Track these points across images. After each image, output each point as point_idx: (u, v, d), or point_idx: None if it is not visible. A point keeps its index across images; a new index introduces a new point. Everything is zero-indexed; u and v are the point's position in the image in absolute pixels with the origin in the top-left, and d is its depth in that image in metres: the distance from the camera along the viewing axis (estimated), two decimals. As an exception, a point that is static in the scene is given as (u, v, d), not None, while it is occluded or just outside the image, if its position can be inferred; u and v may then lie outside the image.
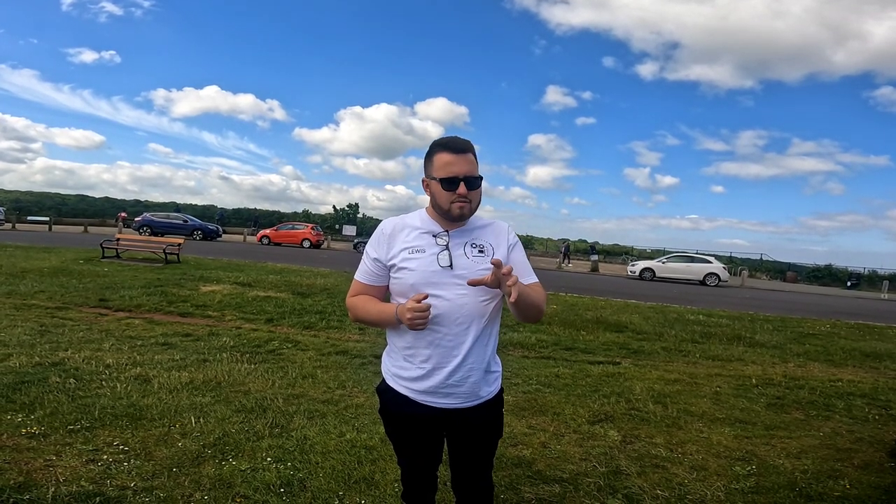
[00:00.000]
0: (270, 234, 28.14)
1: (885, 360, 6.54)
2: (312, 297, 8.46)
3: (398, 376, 1.53)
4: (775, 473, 2.89)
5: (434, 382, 1.47)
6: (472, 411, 1.52)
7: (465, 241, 1.51)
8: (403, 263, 1.46)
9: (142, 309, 6.70)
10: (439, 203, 1.47)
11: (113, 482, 2.32)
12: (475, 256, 1.49)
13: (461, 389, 1.48)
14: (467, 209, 1.47)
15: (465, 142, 1.47)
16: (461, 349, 1.45)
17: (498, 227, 1.58)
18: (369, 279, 1.54)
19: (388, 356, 1.59)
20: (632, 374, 4.95)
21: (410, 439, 1.59)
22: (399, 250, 1.48)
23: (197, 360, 4.43)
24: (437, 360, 1.46)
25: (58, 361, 4.05)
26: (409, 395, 1.50)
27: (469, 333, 1.46)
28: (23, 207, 39.31)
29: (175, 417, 3.11)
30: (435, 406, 1.49)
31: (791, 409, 4.15)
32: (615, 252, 49.27)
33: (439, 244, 1.48)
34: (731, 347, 6.76)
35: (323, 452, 2.77)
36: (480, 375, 1.51)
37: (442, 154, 1.46)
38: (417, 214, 1.56)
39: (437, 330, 1.44)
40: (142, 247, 13.37)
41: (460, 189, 1.44)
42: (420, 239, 1.49)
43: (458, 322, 1.44)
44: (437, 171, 1.45)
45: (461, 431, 1.57)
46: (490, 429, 1.60)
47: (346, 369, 4.47)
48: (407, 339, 1.49)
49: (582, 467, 2.82)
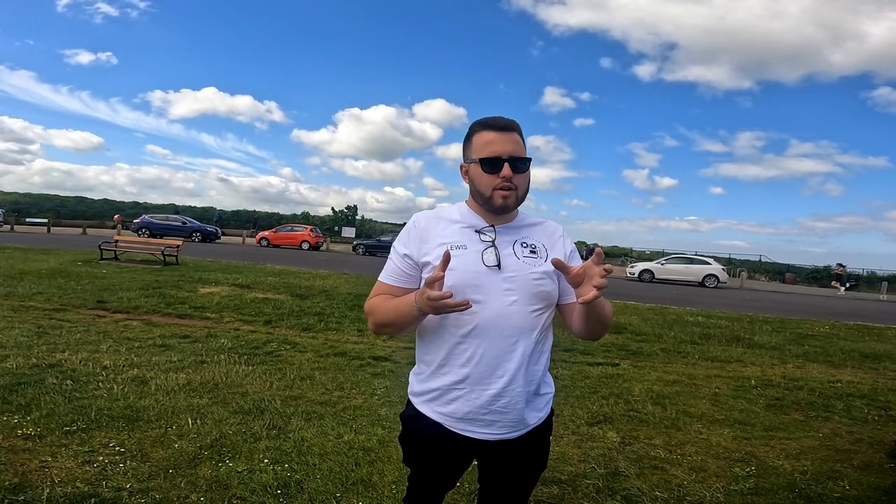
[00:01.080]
0: (269, 235, 28.11)
1: (884, 361, 6.54)
2: (311, 299, 8.45)
3: (429, 399, 1.29)
4: (774, 474, 2.89)
5: (473, 407, 1.22)
6: (516, 441, 1.27)
7: (515, 238, 1.28)
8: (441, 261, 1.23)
9: (140, 311, 6.68)
10: (479, 189, 1.25)
11: (109, 483, 2.31)
12: (526, 257, 1.26)
13: (506, 417, 1.23)
14: (512, 198, 1.24)
15: (509, 120, 1.27)
16: (506, 367, 1.21)
17: (551, 227, 1.37)
18: (397, 280, 1.29)
19: (417, 376, 1.35)
20: (631, 376, 4.94)
21: (436, 470, 1.36)
22: (435, 246, 1.25)
23: (194, 361, 4.41)
24: (477, 380, 1.21)
25: (55, 363, 4.03)
26: (444, 423, 1.26)
27: (517, 349, 1.21)
28: (21, 209, 39.25)
29: (172, 419, 3.09)
30: (473, 437, 1.25)
31: (790, 410, 4.15)
32: (614, 254, 49.26)
33: (484, 240, 1.25)
34: (730, 348, 6.75)
35: (320, 454, 2.75)
36: (529, 399, 1.26)
37: (483, 133, 1.25)
38: (456, 208, 1.34)
39: (478, 344, 1.20)
40: (140, 248, 13.36)
41: (504, 171, 1.21)
42: (461, 234, 1.26)
43: (504, 335, 1.20)
44: (478, 152, 1.24)
45: (500, 464, 1.32)
46: (535, 461, 1.36)
47: (345, 371, 4.46)
48: (440, 354, 1.25)
49: (581, 469, 2.81)
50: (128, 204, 52.65)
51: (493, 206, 1.25)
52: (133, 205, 51.79)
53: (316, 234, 28.88)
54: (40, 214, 37.83)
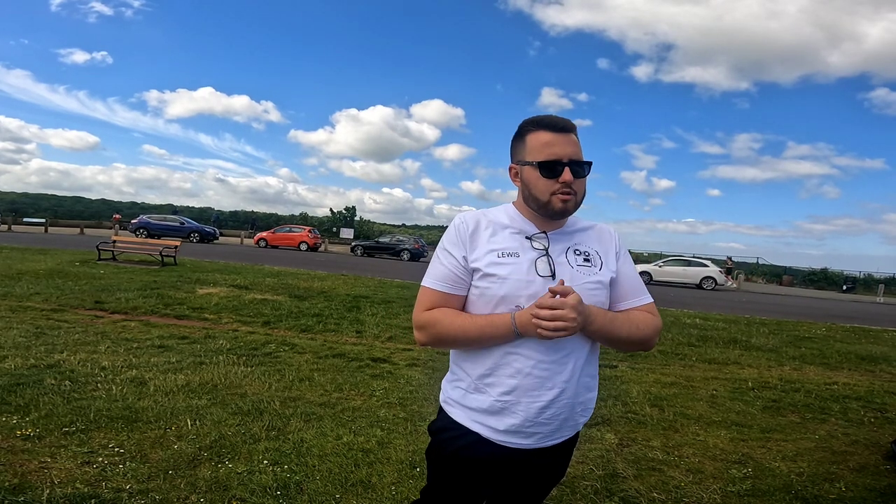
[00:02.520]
0: (267, 236, 28.09)
1: (881, 363, 6.57)
2: (310, 300, 8.45)
3: (469, 408, 1.22)
4: (771, 476, 2.90)
5: (518, 420, 1.17)
6: (548, 451, 1.24)
7: (567, 245, 1.23)
8: (491, 269, 1.16)
9: (138, 311, 6.68)
10: (535, 194, 1.18)
11: (108, 484, 2.31)
12: (580, 266, 1.21)
13: (548, 428, 1.19)
14: (571, 203, 1.18)
15: (566, 119, 1.19)
16: (557, 381, 1.16)
17: (602, 230, 1.32)
18: (450, 286, 1.19)
19: (455, 386, 1.26)
20: (628, 378, 4.96)
21: (464, 485, 1.27)
22: (485, 252, 1.18)
23: (193, 362, 4.41)
24: (525, 392, 1.15)
25: (53, 363, 4.03)
26: (483, 433, 1.19)
27: (569, 361, 1.17)
28: (19, 209, 39.19)
29: (171, 420, 3.09)
30: (512, 446, 1.20)
31: (787, 412, 4.17)
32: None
33: (536, 248, 1.19)
34: (727, 351, 6.77)
35: (320, 455, 2.76)
36: (574, 410, 1.22)
37: (539, 133, 1.18)
38: (503, 210, 1.27)
39: (529, 356, 1.14)
40: (138, 249, 13.34)
41: (564, 175, 1.15)
42: (511, 240, 1.20)
43: (556, 347, 1.14)
44: (534, 154, 1.17)
45: (524, 473, 1.27)
46: (559, 469, 1.33)
47: (343, 372, 4.46)
48: (486, 364, 1.18)
49: (579, 470, 2.82)
50: (125, 204, 52.66)
51: (550, 212, 1.19)
52: (131, 205, 51.78)
53: (314, 235, 28.87)
54: (38, 214, 37.74)
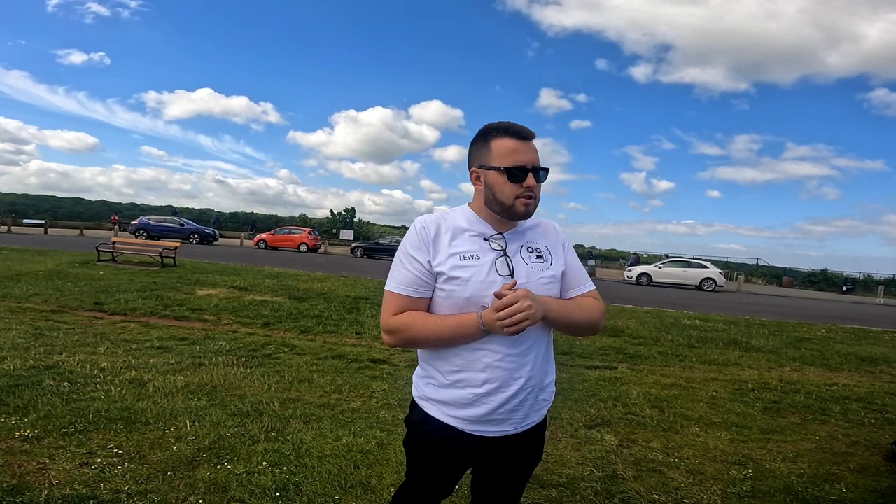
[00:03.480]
0: (267, 238, 28.09)
1: (881, 364, 6.57)
2: (309, 302, 8.45)
3: (443, 402, 1.28)
4: (771, 477, 2.90)
5: (488, 409, 1.24)
6: (520, 437, 1.32)
7: (521, 244, 1.30)
8: (454, 272, 1.22)
9: (137, 312, 6.67)
10: (500, 198, 1.24)
11: (107, 485, 2.31)
12: (534, 263, 1.29)
13: (517, 415, 1.28)
14: (532, 205, 1.26)
15: (528, 128, 1.26)
16: (523, 371, 1.25)
17: (548, 226, 1.40)
18: (416, 290, 1.25)
19: (426, 382, 1.33)
20: (628, 379, 4.95)
21: (442, 473, 1.36)
22: (447, 256, 1.24)
23: (192, 363, 4.40)
24: (496, 385, 1.23)
25: (52, 364, 4.02)
26: (457, 426, 1.27)
27: (531, 353, 1.26)
28: (18, 210, 39.17)
29: (170, 421, 3.09)
30: (483, 435, 1.28)
31: (787, 413, 4.16)
32: (612, 257, 49.41)
33: (494, 249, 1.26)
34: (727, 352, 6.77)
35: (319, 456, 2.75)
36: (537, 397, 1.32)
37: (504, 140, 1.24)
38: (461, 213, 1.32)
39: (496, 351, 1.22)
40: (138, 250, 13.33)
41: (528, 181, 1.23)
42: (471, 243, 1.26)
43: (519, 340, 1.22)
44: (500, 160, 1.23)
45: (502, 457, 1.34)
46: (534, 453, 1.41)
47: (343, 373, 4.46)
48: (456, 363, 1.25)
49: (579, 471, 2.82)
50: (125, 205, 52.59)
51: (514, 214, 1.26)
52: (130, 206, 51.73)
53: (314, 236, 28.87)
54: (37, 215, 37.74)
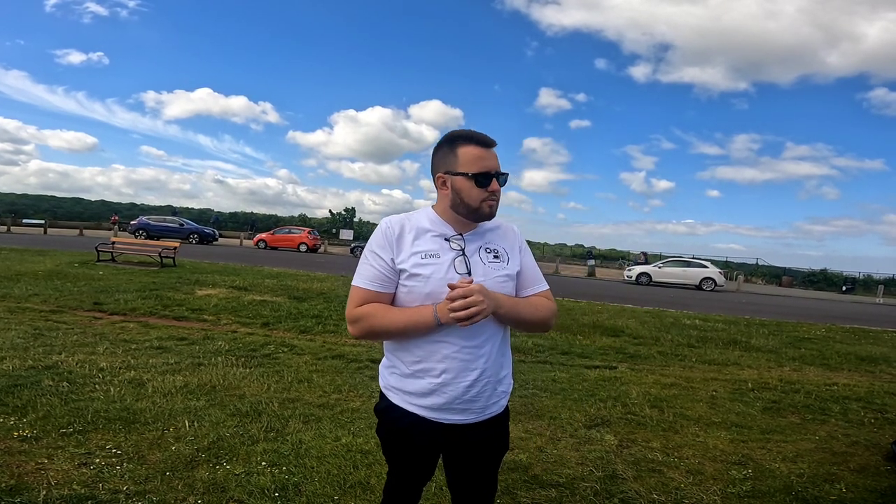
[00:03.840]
0: (267, 238, 28.09)
1: (881, 364, 6.57)
2: (309, 302, 8.44)
3: (405, 392, 1.37)
4: (771, 477, 2.89)
5: (448, 398, 1.33)
6: (483, 427, 1.41)
7: (479, 245, 1.40)
8: (416, 269, 1.31)
9: (136, 312, 6.66)
10: (467, 201, 1.34)
11: (105, 486, 2.30)
12: (491, 262, 1.38)
13: (476, 405, 1.37)
14: (496, 207, 1.37)
15: (489, 136, 1.38)
16: (479, 363, 1.34)
17: (507, 228, 1.49)
18: (379, 285, 1.34)
19: (390, 371, 1.42)
20: (628, 379, 4.95)
21: (413, 458, 1.45)
22: (409, 254, 1.33)
23: (192, 363, 4.40)
24: (453, 375, 1.32)
25: (51, 365, 4.02)
26: (420, 413, 1.36)
27: (486, 345, 1.35)
28: (18, 210, 39.15)
29: (169, 421, 3.08)
30: (446, 422, 1.36)
31: (787, 413, 4.16)
32: (612, 257, 49.46)
33: (454, 248, 1.36)
34: (726, 352, 6.77)
35: (318, 457, 2.75)
36: (495, 387, 1.40)
37: (470, 147, 1.34)
38: (424, 214, 1.41)
39: (454, 343, 1.31)
40: (137, 250, 13.33)
41: (493, 185, 1.33)
42: (433, 242, 1.35)
43: (475, 333, 1.32)
44: (467, 166, 1.33)
45: (469, 446, 1.43)
46: (499, 442, 1.49)
47: (342, 373, 4.45)
48: (417, 354, 1.34)
49: (578, 471, 2.81)
50: (125, 205, 52.63)
51: (479, 216, 1.37)
52: (130, 206, 51.76)
53: (314, 236, 28.87)
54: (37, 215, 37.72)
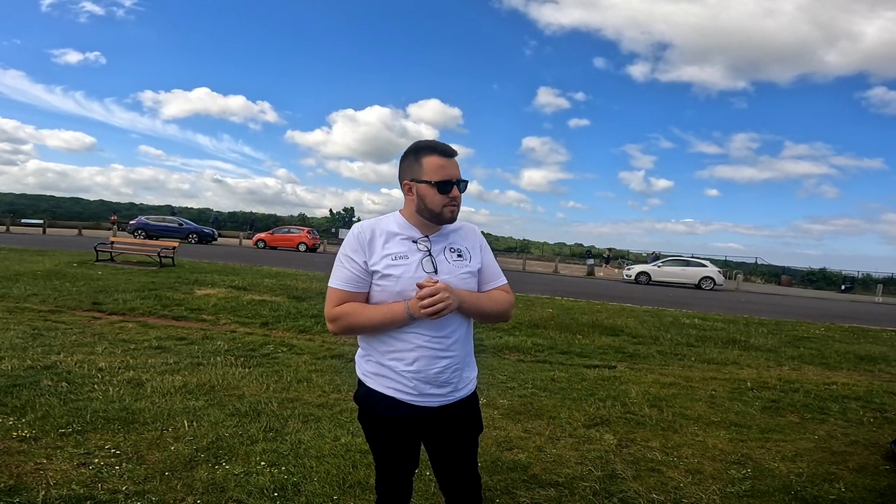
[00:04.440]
0: (266, 237, 28.06)
1: (880, 363, 6.57)
2: (308, 301, 8.43)
3: (381, 376, 1.49)
4: (770, 476, 2.89)
5: (420, 382, 1.46)
6: (456, 408, 1.53)
7: (444, 245, 1.52)
8: (387, 270, 1.43)
9: (135, 312, 6.66)
10: (430, 207, 1.46)
11: (104, 486, 2.30)
12: (455, 260, 1.51)
13: (445, 388, 1.49)
14: (457, 212, 1.50)
15: (451, 146, 1.50)
16: (447, 352, 1.47)
17: (468, 229, 1.62)
18: (354, 286, 1.46)
19: (366, 360, 1.54)
20: (627, 378, 4.95)
21: (394, 444, 1.55)
22: (381, 256, 1.45)
23: (191, 363, 4.39)
24: (425, 363, 1.45)
25: (50, 365, 4.01)
26: (396, 397, 1.47)
27: (454, 336, 1.48)
28: (17, 210, 39.10)
29: (168, 421, 3.08)
30: (421, 405, 1.48)
31: (786, 413, 4.16)
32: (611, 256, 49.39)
33: (421, 250, 1.48)
34: (726, 351, 6.77)
35: (317, 456, 2.75)
36: (462, 372, 1.54)
37: (433, 157, 1.46)
38: (392, 219, 1.53)
39: (424, 334, 1.44)
40: (136, 250, 13.32)
41: (454, 192, 1.45)
42: (401, 245, 1.47)
43: (443, 326, 1.45)
44: (431, 175, 1.45)
45: (445, 427, 1.55)
46: (473, 422, 1.61)
47: (342, 373, 4.45)
48: (392, 344, 1.46)
49: (577, 471, 2.81)
50: (124, 205, 52.59)
51: (441, 220, 1.49)
52: (129, 206, 51.73)
53: (313, 235, 28.83)
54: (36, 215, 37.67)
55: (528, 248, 52.09)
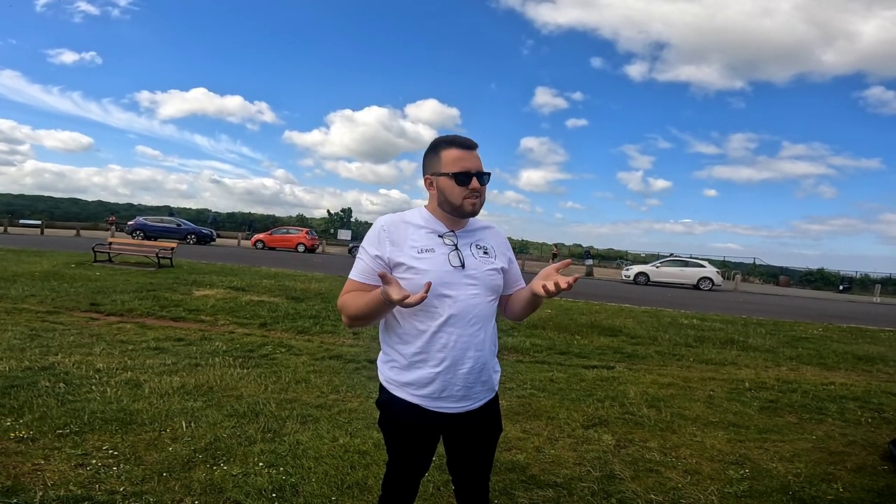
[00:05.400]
0: (265, 238, 28.02)
1: (878, 363, 6.58)
2: (307, 302, 8.42)
3: (406, 384, 1.46)
4: (768, 477, 2.90)
5: (447, 386, 1.44)
6: (479, 412, 1.52)
7: (471, 241, 1.51)
8: (413, 263, 1.41)
9: (133, 313, 6.64)
10: (450, 199, 1.45)
11: (102, 487, 2.30)
12: (482, 257, 1.50)
13: (473, 391, 1.47)
14: (478, 205, 1.47)
15: (472, 140, 1.48)
16: (473, 350, 1.44)
17: (496, 232, 1.62)
18: (368, 278, 1.45)
19: (390, 366, 1.51)
20: (626, 379, 4.95)
21: (414, 449, 1.53)
22: (407, 249, 1.43)
23: (189, 364, 4.39)
24: (451, 363, 1.42)
25: (48, 366, 4.01)
26: (421, 404, 1.45)
27: (481, 333, 1.46)
28: (14, 210, 39.00)
29: (166, 422, 3.08)
30: (446, 412, 1.46)
31: (784, 413, 4.17)
32: (610, 256, 49.50)
33: (447, 244, 1.46)
34: (724, 351, 6.78)
35: (316, 457, 2.75)
36: (489, 373, 1.52)
37: (451, 150, 1.45)
38: (417, 213, 1.52)
39: (451, 332, 1.42)
40: (134, 251, 13.28)
41: (473, 184, 1.43)
42: (428, 238, 1.46)
43: (471, 322, 1.43)
44: (449, 167, 1.44)
45: (467, 432, 1.54)
46: (494, 425, 1.61)
47: (340, 374, 4.45)
48: (417, 344, 1.43)
49: (576, 472, 2.82)
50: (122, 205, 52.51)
51: (462, 213, 1.47)
52: (127, 206, 51.65)
53: (311, 236, 28.81)
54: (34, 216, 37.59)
55: (526, 249, 52.06)
